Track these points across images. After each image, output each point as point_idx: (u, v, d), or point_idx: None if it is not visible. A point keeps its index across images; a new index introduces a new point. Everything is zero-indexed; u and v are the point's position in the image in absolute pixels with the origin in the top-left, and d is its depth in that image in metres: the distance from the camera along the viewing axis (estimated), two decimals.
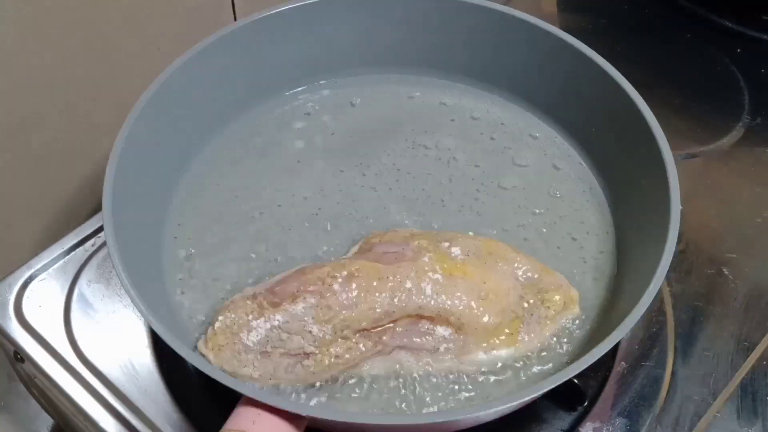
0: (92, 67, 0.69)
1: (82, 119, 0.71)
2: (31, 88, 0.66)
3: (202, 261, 0.58)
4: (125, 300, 0.60)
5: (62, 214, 0.75)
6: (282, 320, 0.50)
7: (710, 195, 0.70)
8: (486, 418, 0.51)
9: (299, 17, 0.65)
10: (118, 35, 0.69)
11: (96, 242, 0.64)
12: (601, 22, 0.87)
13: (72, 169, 0.74)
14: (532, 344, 0.53)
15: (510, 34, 0.65)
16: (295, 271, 0.54)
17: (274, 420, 0.44)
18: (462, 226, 0.60)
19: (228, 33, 0.63)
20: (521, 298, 0.53)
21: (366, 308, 0.51)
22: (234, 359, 0.50)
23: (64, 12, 0.64)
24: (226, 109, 0.66)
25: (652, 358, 0.59)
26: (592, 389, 0.57)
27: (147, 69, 0.62)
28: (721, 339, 0.60)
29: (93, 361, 0.57)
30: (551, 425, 0.55)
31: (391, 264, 0.52)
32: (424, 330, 0.52)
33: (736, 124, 0.76)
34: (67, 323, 0.59)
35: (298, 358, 0.50)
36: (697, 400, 0.57)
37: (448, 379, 0.52)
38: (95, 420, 0.55)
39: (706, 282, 0.64)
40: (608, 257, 0.59)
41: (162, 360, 0.57)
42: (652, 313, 0.61)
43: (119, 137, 0.55)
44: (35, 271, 0.62)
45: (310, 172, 0.63)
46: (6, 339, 0.58)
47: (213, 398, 0.55)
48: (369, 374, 0.52)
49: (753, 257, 0.65)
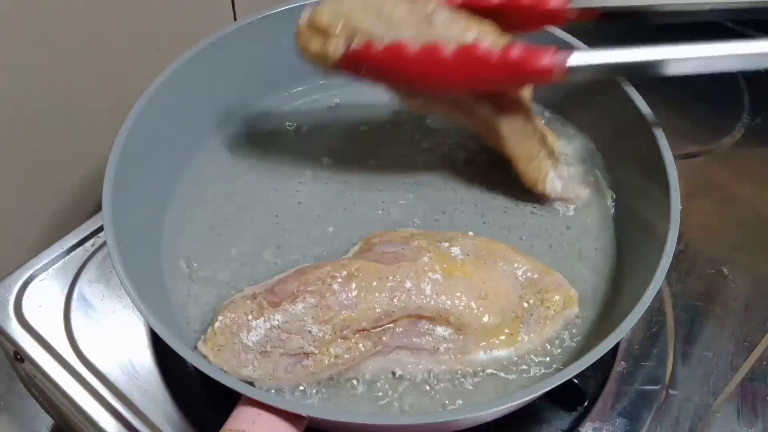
0: (92, 67, 0.69)
1: (82, 119, 0.71)
2: (31, 88, 0.66)
3: (202, 261, 0.58)
4: (125, 300, 0.60)
5: (62, 214, 0.75)
6: (282, 320, 0.50)
7: (710, 195, 0.71)
8: (486, 418, 0.51)
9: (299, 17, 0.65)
10: (118, 35, 0.69)
11: (96, 242, 0.64)
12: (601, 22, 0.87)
13: (72, 169, 0.74)
14: (531, 344, 0.53)
15: None
16: (295, 271, 0.54)
17: (274, 420, 0.44)
18: (462, 225, 0.60)
19: (228, 33, 0.63)
20: (521, 298, 0.53)
21: (366, 308, 0.51)
22: (234, 359, 0.50)
23: (64, 12, 0.64)
24: (227, 108, 0.66)
25: (653, 358, 0.59)
26: (592, 389, 0.57)
27: (147, 69, 0.62)
28: (721, 339, 0.60)
29: (93, 361, 0.57)
30: (551, 425, 0.55)
31: (390, 264, 0.52)
32: (423, 330, 0.52)
33: (736, 124, 0.76)
34: (67, 323, 0.59)
35: (298, 358, 0.51)
36: (697, 400, 0.57)
37: (448, 379, 0.52)
38: (95, 420, 0.55)
39: (706, 282, 0.64)
40: (608, 257, 0.59)
41: (162, 360, 0.57)
42: (652, 313, 0.61)
43: (119, 137, 0.55)
44: (35, 271, 0.62)
45: (310, 172, 0.63)
46: (6, 339, 0.58)
47: (213, 398, 0.55)
48: (369, 374, 0.52)
49: (753, 257, 0.65)
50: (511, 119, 0.58)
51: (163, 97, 0.59)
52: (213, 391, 0.55)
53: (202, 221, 0.60)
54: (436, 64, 0.52)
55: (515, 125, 0.58)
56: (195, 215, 0.60)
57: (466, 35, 0.53)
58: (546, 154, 0.60)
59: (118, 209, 0.52)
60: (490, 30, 0.54)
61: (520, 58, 0.52)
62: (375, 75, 0.54)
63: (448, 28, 0.53)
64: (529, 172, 0.60)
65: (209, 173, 0.63)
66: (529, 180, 0.60)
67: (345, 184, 0.63)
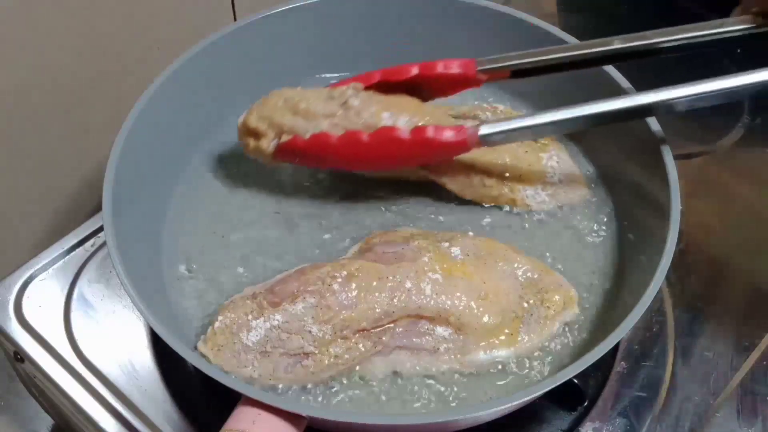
0: (92, 67, 0.69)
1: (83, 119, 0.71)
2: (32, 88, 0.66)
3: (201, 261, 0.58)
4: (125, 300, 0.60)
5: (62, 214, 0.75)
6: (282, 320, 0.50)
7: (710, 195, 0.71)
8: (486, 418, 0.51)
9: (299, 17, 0.65)
10: (118, 35, 0.69)
11: (96, 242, 0.64)
12: (601, 22, 0.87)
13: (72, 169, 0.74)
14: (531, 344, 0.53)
15: (510, 34, 0.65)
16: (295, 271, 0.54)
17: (274, 420, 0.44)
18: (462, 226, 0.60)
19: (228, 32, 0.63)
20: (521, 298, 0.54)
21: (366, 308, 0.51)
22: (234, 359, 0.50)
23: (65, 12, 0.64)
24: (226, 108, 0.66)
25: (652, 358, 0.59)
26: (592, 389, 0.57)
27: (147, 69, 0.63)
28: (721, 339, 0.60)
29: (93, 361, 0.57)
30: (551, 425, 0.55)
31: (390, 264, 0.52)
32: (423, 330, 0.52)
33: (735, 125, 0.76)
34: (67, 323, 0.59)
35: (298, 358, 0.51)
36: (697, 400, 0.57)
37: (448, 379, 0.52)
38: (95, 420, 0.55)
39: (706, 282, 0.64)
40: (608, 257, 0.58)
41: (162, 360, 0.57)
42: (652, 313, 0.61)
43: (119, 137, 0.55)
44: (35, 271, 0.62)
45: (311, 172, 0.63)
46: (6, 339, 0.58)
47: (213, 398, 0.55)
48: (369, 374, 0.52)
49: (753, 257, 0.65)
50: (453, 178, 0.60)
51: (164, 97, 0.59)
52: (213, 391, 0.55)
53: (202, 221, 0.60)
54: (356, 148, 0.56)
55: (463, 181, 0.60)
56: (195, 215, 0.60)
57: (382, 117, 0.56)
58: (510, 187, 0.60)
59: (118, 209, 0.52)
60: (406, 106, 0.57)
61: (431, 138, 0.54)
62: (308, 161, 0.59)
63: (363, 113, 0.56)
64: (500, 199, 0.60)
65: (209, 173, 0.63)
66: (507, 202, 0.61)
67: (346, 184, 0.63)
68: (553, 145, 0.62)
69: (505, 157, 0.60)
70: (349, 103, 0.56)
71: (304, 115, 0.57)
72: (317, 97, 0.57)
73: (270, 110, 0.58)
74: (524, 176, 0.60)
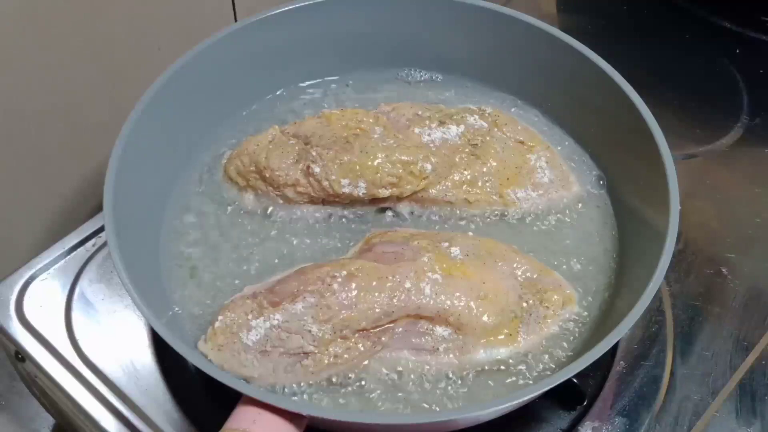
0: (92, 67, 0.69)
1: (83, 119, 0.71)
2: (32, 88, 0.66)
3: (202, 261, 0.58)
4: (126, 300, 0.60)
5: (63, 214, 0.75)
6: (281, 320, 0.51)
7: (709, 195, 0.71)
8: (486, 417, 0.51)
9: (299, 17, 0.65)
10: (119, 35, 0.69)
11: (97, 242, 0.64)
12: (601, 23, 0.87)
13: (72, 169, 0.74)
14: (531, 344, 0.53)
15: (510, 34, 0.65)
16: (295, 270, 0.54)
17: (274, 419, 0.45)
18: (461, 226, 0.60)
19: (228, 33, 0.63)
20: (520, 297, 0.54)
21: (365, 308, 0.51)
22: (234, 359, 0.50)
23: (65, 12, 0.64)
24: (226, 108, 0.66)
25: (652, 358, 0.59)
26: (591, 389, 0.57)
27: (147, 69, 0.63)
28: (720, 338, 0.60)
29: (94, 360, 0.57)
30: (551, 425, 0.55)
31: (390, 264, 0.52)
32: (423, 330, 0.52)
33: (734, 125, 0.76)
34: (68, 323, 0.59)
35: (298, 357, 0.51)
36: (696, 399, 0.57)
37: (448, 378, 0.52)
38: (96, 419, 0.55)
39: (705, 282, 0.64)
40: (607, 257, 0.59)
41: (162, 359, 0.57)
42: (651, 313, 0.61)
43: (120, 137, 0.55)
44: (36, 271, 0.62)
45: None
46: (7, 338, 0.59)
47: (213, 398, 0.55)
48: (368, 374, 0.52)
49: (752, 257, 0.66)
50: (441, 191, 0.60)
51: (164, 97, 0.59)
52: (213, 390, 0.55)
53: (203, 221, 0.60)
54: None
55: (454, 192, 0.60)
56: (195, 215, 0.61)
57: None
58: (500, 191, 0.60)
59: (118, 209, 0.52)
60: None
61: None
62: None
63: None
64: (492, 203, 0.60)
65: (209, 173, 0.63)
66: (501, 205, 0.61)
67: None
68: (540, 146, 0.62)
69: (491, 162, 0.60)
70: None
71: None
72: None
73: (243, 166, 0.60)
74: (512, 178, 0.60)
